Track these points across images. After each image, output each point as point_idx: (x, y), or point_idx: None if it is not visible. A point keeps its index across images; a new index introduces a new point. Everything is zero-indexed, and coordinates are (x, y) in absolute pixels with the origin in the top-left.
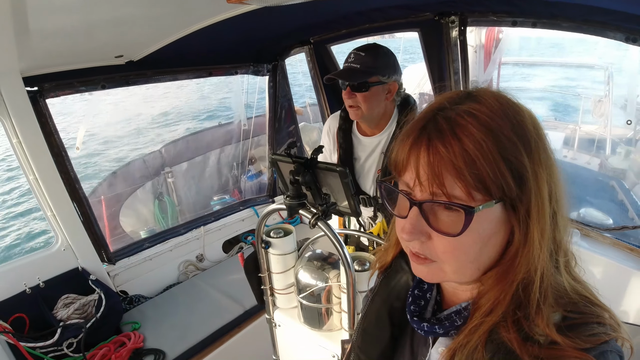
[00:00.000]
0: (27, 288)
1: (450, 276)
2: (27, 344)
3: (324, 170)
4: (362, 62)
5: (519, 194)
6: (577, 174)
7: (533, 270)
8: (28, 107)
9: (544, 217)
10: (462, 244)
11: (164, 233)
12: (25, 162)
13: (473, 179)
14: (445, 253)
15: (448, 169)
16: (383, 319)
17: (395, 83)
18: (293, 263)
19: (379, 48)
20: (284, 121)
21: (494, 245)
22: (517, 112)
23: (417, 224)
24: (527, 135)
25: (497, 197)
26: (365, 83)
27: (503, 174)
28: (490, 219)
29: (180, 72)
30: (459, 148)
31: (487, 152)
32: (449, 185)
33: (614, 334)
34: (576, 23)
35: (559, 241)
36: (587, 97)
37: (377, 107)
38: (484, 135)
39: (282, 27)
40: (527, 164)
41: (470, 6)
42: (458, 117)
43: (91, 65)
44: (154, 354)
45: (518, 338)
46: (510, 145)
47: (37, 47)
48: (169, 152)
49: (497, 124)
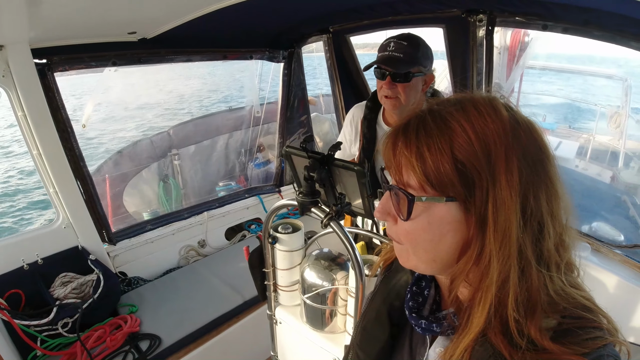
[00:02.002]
0: (25, 264)
1: (415, 261)
2: (22, 322)
3: (340, 168)
4: (404, 52)
5: (468, 197)
6: (589, 185)
7: (504, 276)
8: (35, 79)
9: (504, 227)
10: (414, 230)
11: (167, 216)
12: (29, 136)
13: (420, 172)
14: (404, 235)
15: (406, 162)
16: (382, 317)
17: (432, 75)
18: (299, 260)
19: (419, 38)
20: (296, 110)
21: (451, 243)
22: (495, 121)
23: (385, 205)
24: (491, 141)
25: (446, 195)
26: (408, 73)
27: (447, 173)
28: (441, 215)
29: (194, 52)
30: (415, 142)
31: (436, 150)
32: (406, 175)
33: (611, 338)
34: (610, 33)
35: (547, 250)
36: (604, 107)
37: (414, 98)
38: (440, 134)
39: (302, 13)
40: (483, 169)
41: (500, 5)
42: (432, 119)
43: (103, 40)
44: (149, 339)
45: (506, 344)
46: (467, 147)
47: (49, 18)
48: (177, 134)
49: (463, 127)
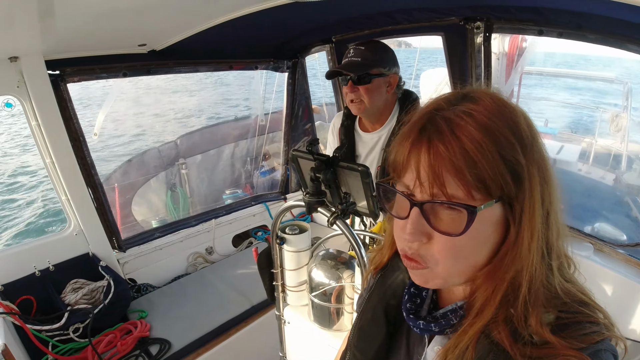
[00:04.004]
0: (37, 270)
1: (444, 278)
2: (34, 327)
3: (345, 169)
4: (362, 56)
5: (517, 193)
6: (592, 187)
7: (521, 270)
8: (49, 90)
9: (536, 216)
10: (461, 243)
11: (175, 224)
12: (42, 145)
13: (473, 179)
14: (441, 252)
15: (448, 169)
16: (379, 317)
17: (395, 75)
18: (306, 260)
19: (377, 42)
20: (300, 118)
21: (491, 244)
22: (512, 112)
23: (418, 224)
24: (522, 134)
25: (497, 196)
26: (367, 75)
27: (502, 173)
28: (489, 218)
29: (201, 64)
30: (459, 148)
31: (486, 151)
32: (449, 186)
33: (608, 333)
34: (602, 35)
35: (551, 243)
36: (605, 110)
37: (379, 100)
38: (483, 135)
39: (305, 24)
40: (523, 163)
41: (496, 13)
42: (456, 118)
43: (113, 52)
44: (159, 344)
45: (509, 338)
46: (508, 144)
47: (61, 31)
48: (184, 144)
49: (495, 123)
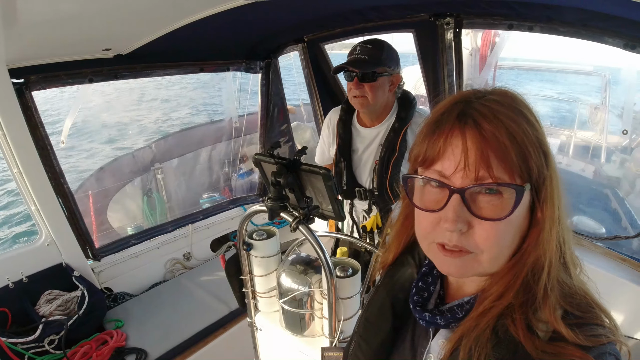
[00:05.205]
0: (10, 282)
1: (484, 266)
2: (9, 340)
3: (307, 172)
4: (369, 54)
5: (546, 176)
6: (571, 181)
7: (543, 254)
8: (13, 99)
9: (560, 200)
10: (503, 228)
11: (151, 230)
12: (9, 156)
13: (518, 160)
14: (487, 240)
15: (494, 149)
16: (386, 309)
17: (398, 75)
18: (275, 266)
19: (384, 42)
20: (276, 120)
21: (522, 230)
22: (528, 105)
23: (459, 212)
24: (538, 120)
25: (534, 179)
26: (373, 73)
27: (539, 155)
28: (524, 202)
29: (170, 66)
30: (504, 129)
31: (529, 134)
32: (496, 168)
33: (613, 337)
34: (574, 28)
35: (564, 232)
36: (584, 103)
37: (381, 98)
38: (521, 119)
39: (275, 24)
40: (548, 148)
41: (466, 7)
42: (493, 104)
43: (79, 58)
44: (135, 353)
45: (524, 328)
46: (540, 129)
47: (24, 38)
48: (159, 148)
49: (524, 111)
